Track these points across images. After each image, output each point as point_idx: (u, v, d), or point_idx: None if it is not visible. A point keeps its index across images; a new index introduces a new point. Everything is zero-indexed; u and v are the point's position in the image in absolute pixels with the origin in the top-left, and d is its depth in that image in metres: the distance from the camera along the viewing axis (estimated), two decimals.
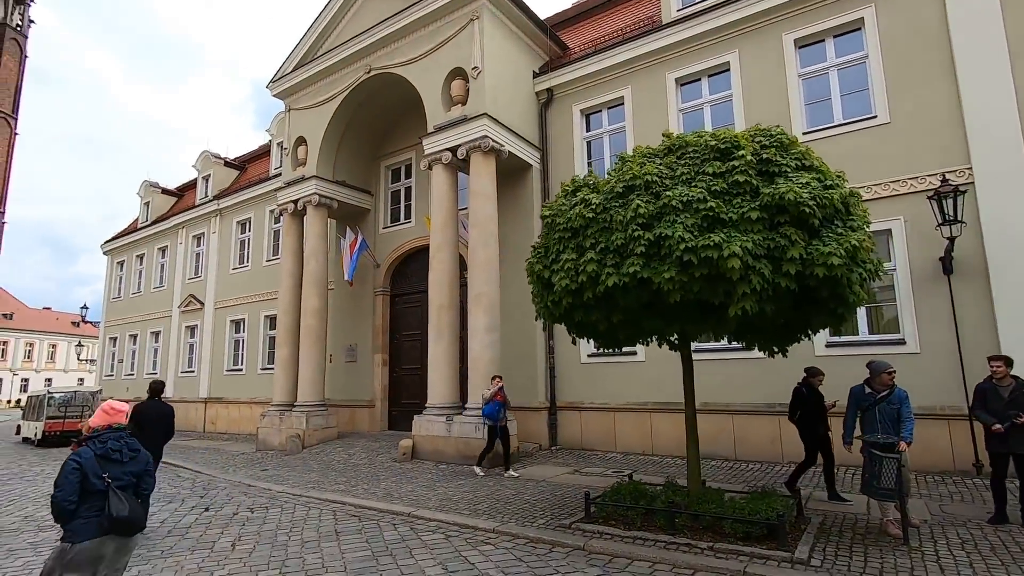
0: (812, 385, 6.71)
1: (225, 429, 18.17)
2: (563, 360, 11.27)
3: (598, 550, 5.14)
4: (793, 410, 6.73)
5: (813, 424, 6.57)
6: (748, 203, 4.75)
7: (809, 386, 6.70)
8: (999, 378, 5.42)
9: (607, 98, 11.71)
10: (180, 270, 21.49)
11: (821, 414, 6.60)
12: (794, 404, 6.73)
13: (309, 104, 14.27)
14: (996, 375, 5.44)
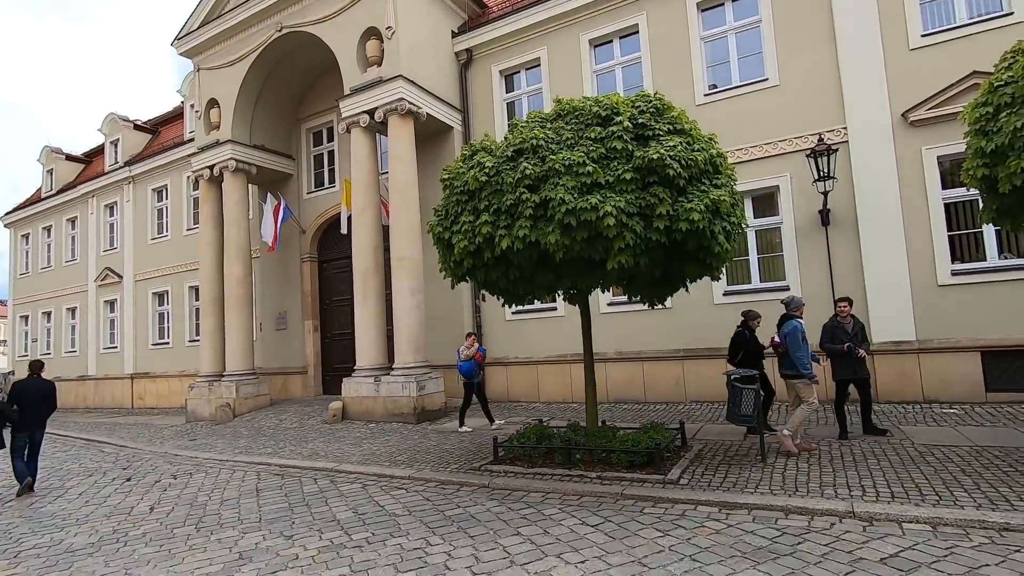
0: (751, 328, 7.02)
1: (155, 404, 17.76)
2: (488, 318, 11.69)
3: (500, 486, 5.65)
4: (735, 352, 6.99)
5: (755, 364, 6.76)
6: (623, 166, 5.15)
7: (749, 328, 7.00)
8: (843, 317, 6.22)
9: (525, 59, 11.83)
10: (93, 242, 20.32)
11: (760, 353, 6.92)
12: (735, 346, 7.00)
13: (220, 64, 13.60)
14: (841, 314, 6.23)
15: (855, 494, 4.53)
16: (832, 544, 3.66)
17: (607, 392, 10.32)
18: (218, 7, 13.46)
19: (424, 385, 10.19)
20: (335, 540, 4.43)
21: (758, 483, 5.02)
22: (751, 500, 4.58)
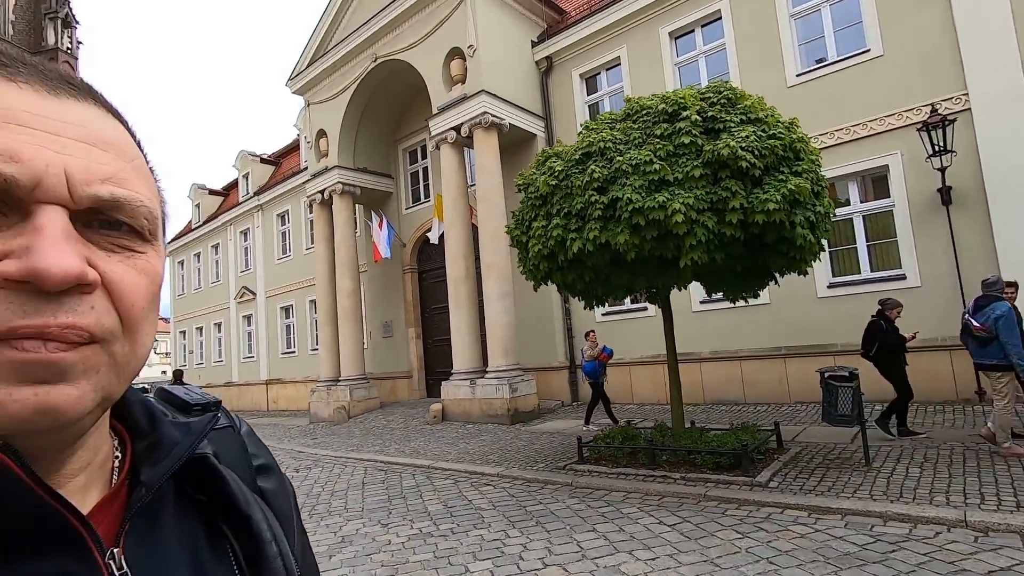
0: (889, 318, 6.31)
1: (286, 407, 19.81)
2: (579, 319, 11.76)
3: (583, 485, 5.76)
4: (868, 344, 6.33)
5: (897, 357, 6.18)
6: (692, 161, 5.07)
7: (886, 319, 6.31)
8: None
9: (604, 60, 11.82)
10: (232, 264, 23.13)
11: (900, 345, 6.23)
12: (869, 338, 6.35)
13: (325, 97, 15.00)
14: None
15: (971, 502, 4.10)
16: (932, 554, 3.38)
17: (703, 393, 9.98)
18: (322, 47, 14.87)
19: (516, 387, 10.49)
20: (424, 529, 4.80)
21: (857, 488, 4.69)
22: (846, 505, 4.30)
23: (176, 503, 0.46)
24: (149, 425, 0.46)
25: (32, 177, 0.34)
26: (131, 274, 0.38)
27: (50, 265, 0.33)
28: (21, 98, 0.35)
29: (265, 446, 0.58)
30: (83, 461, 0.40)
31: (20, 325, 0.33)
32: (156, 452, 0.44)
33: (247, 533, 0.48)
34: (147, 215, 0.39)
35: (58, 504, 0.36)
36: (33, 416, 0.33)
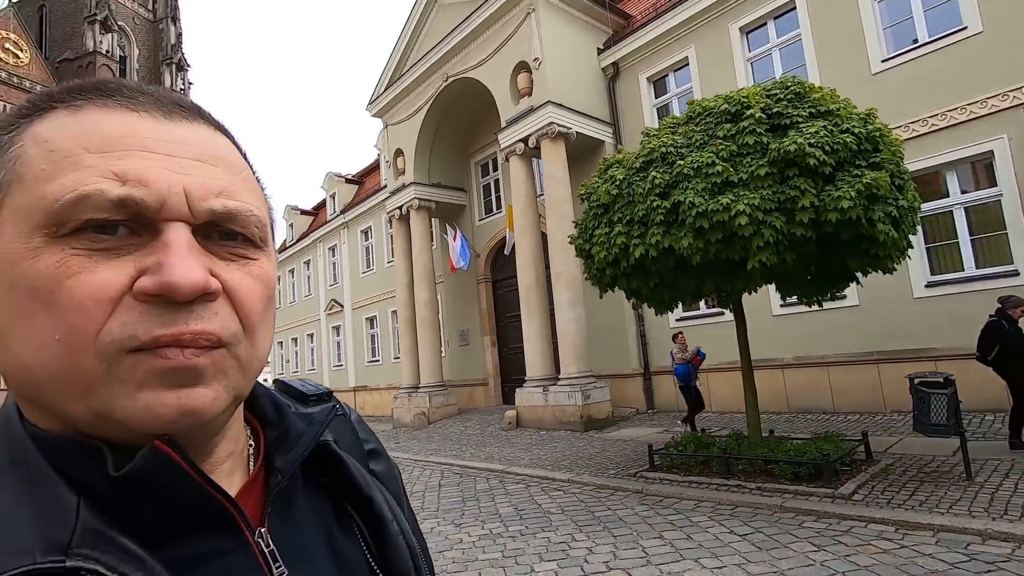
0: (1012, 317, 5.66)
1: (372, 412, 20.86)
2: (652, 325, 11.56)
3: (653, 492, 5.70)
4: (988, 346, 5.67)
5: (1022, 360, 5.54)
6: (757, 161, 4.95)
7: (1008, 318, 5.66)
8: None
9: (672, 61, 11.63)
10: (322, 279, 24.77)
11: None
12: (989, 340, 5.67)
13: (401, 118, 15.81)
14: None
15: None
16: None
17: (786, 401, 9.48)
18: (398, 71, 15.71)
19: (589, 394, 10.48)
20: (494, 530, 4.97)
21: (954, 503, 4.33)
22: (938, 521, 4.00)
23: (305, 486, 0.49)
24: (276, 416, 0.50)
25: (158, 198, 0.37)
26: (248, 280, 0.41)
27: (179, 278, 0.36)
28: (142, 125, 0.39)
29: (373, 432, 0.62)
30: (227, 450, 0.44)
31: (161, 334, 0.36)
32: (286, 441, 0.48)
33: (370, 514, 0.51)
34: (257, 223, 0.42)
35: (212, 489, 0.39)
36: (178, 417, 0.37)
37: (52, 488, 0.35)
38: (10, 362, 0.37)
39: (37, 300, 0.35)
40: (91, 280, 0.35)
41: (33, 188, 0.36)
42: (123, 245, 0.37)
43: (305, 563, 0.45)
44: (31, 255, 0.35)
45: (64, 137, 0.37)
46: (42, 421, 0.38)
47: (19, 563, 0.31)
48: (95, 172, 0.36)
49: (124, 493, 0.36)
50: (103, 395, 0.36)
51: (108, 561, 0.33)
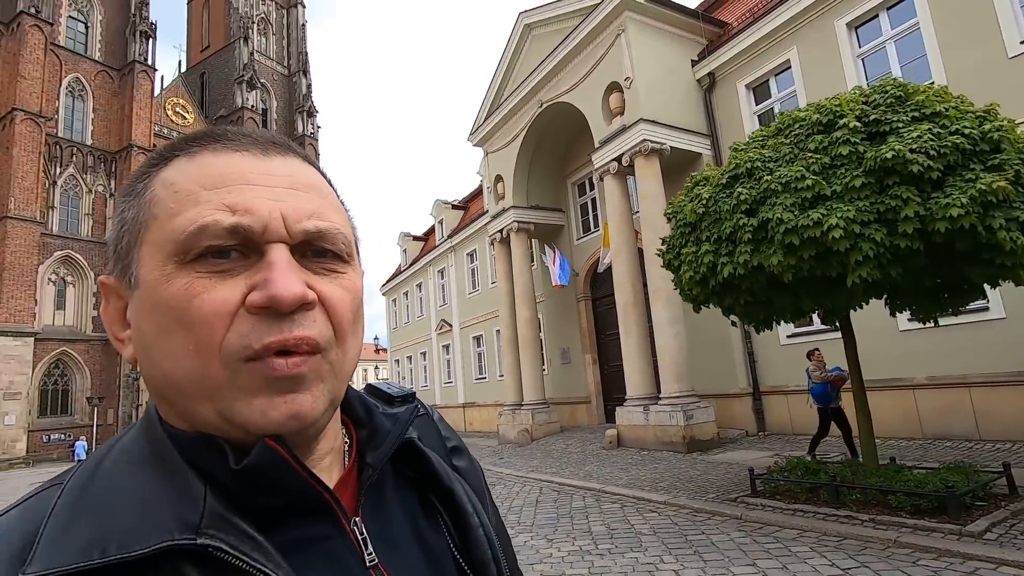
0: None
1: (480, 428, 21.60)
2: (761, 342, 10.97)
3: (753, 519, 5.49)
4: None
5: None
6: (852, 171, 4.71)
7: None
8: None
9: (772, 65, 11.15)
10: (433, 300, 26.25)
11: None
12: None
13: (500, 146, 16.55)
14: None
15: None
16: None
17: (919, 426, 8.54)
18: (495, 102, 16.51)
19: (692, 414, 10.16)
20: (583, 547, 5.09)
21: None
22: None
23: (394, 481, 0.54)
24: (366, 416, 0.54)
25: (262, 224, 0.43)
26: (338, 291, 0.46)
27: (282, 291, 0.41)
28: (245, 162, 0.45)
29: (454, 431, 0.66)
30: (326, 448, 0.49)
31: (270, 341, 0.41)
32: (375, 439, 0.52)
33: (452, 505, 0.55)
34: (343, 240, 0.47)
35: (314, 482, 0.44)
36: (287, 421, 0.42)
37: (184, 478, 0.42)
38: (154, 371, 0.44)
39: (172, 318, 0.42)
40: (213, 298, 0.41)
41: (164, 224, 0.43)
42: (236, 266, 0.42)
43: (394, 549, 0.49)
44: (165, 280, 0.42)
45: (185, 179, 0.44)
46: (176, 421, 0.45)
47: (160, 539, 0.37)
48: (211, 206, 0.43)
49: (242, 484, 0.42)
50: (227, 399, 0.41)
51: (230, 541, 0.39)
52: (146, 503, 0.39)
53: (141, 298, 0.44)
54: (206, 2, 46.88)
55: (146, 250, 0.44)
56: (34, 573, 0.35)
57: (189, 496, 0.41)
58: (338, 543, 0.46)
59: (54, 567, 0.35)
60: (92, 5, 35.78)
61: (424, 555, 0.51)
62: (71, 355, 30.73)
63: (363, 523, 0.48)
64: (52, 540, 0.37)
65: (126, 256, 0.46)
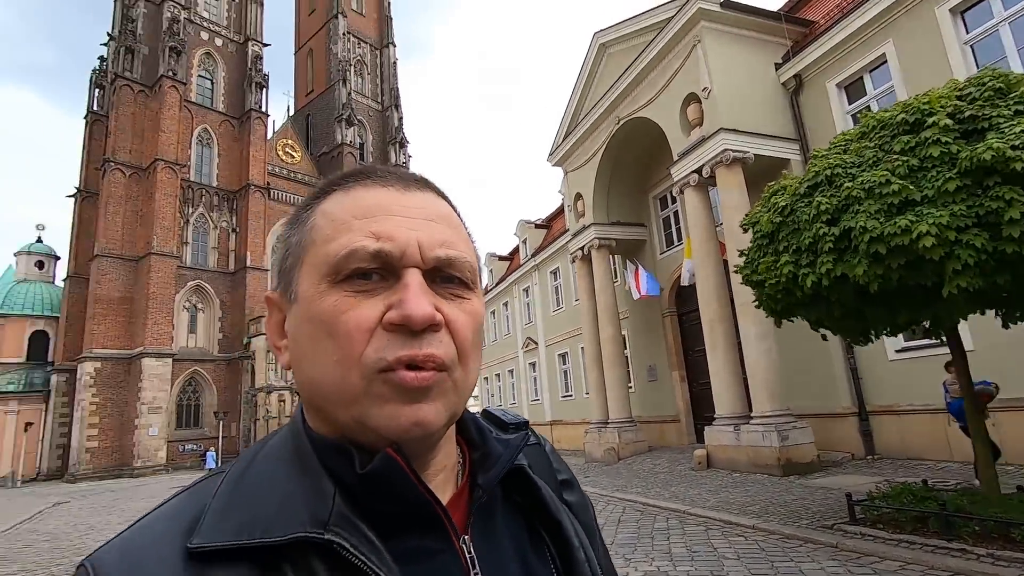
0: None
1: (567, 446, 21.48)
2: (866, 356, 10.13)
3: (849, 548, 5.12)
4: None
5: None
6: (944, 173, 4.38)
7: None
8: None
9: (865, 61, 10.46)
10: (518, 318, 26.67)
11: None
12: None
13: (579, 164, 16.71)
14: None
15: None
16: None
17: None
18: (573, 122, 16.73)
19: (787, 435, 9.57)
20: (661, 567, 5.01)
21: None
22: None
23: (504, 506, 0.55)
24: (480, 439, 0.56)
25: (400, 250, 0.48)
26: (463, 316, 0.50)
27: (415, 311, 0.46)
28: (389, 196, 0.51)
29: (566, 463, 0.67)
30: (441, 464, 0.52)
31: (402, 355, 0.46)
32: (487, 461, 0.54)
33: (559, 537, 0.55)
34: (469, 268, 0.52)
35: (429, 496, 0.47)
36: (411, 427, 0.46)
37: (319, 478, 0.46)
38: (304, 377, 0.49)
39: (323, 330, 0.47)
40: (357, 315, 0.46)
41: (320, 248, 0.49)
42: (377, 287, 0.47)
43: (499, 571, 0.50)
44: (319, 297, 0.47)
45: (340, 210, 0.50)
46: (318, 425, 0.50)
47: (294, 531, 0.42)
48: (359, 233, 0.48)
49: (365, 488, 0.46)
50: (362, 405, 0.46)
51: (352, 540, 0.43)
52: (286, 497, 0.44)
53: (298, 312, 0.50)
54: (310, 51, 51.51)
55: (305, 270, 0.50)
56: (198, 545, 0.41)
57: (321, 495, 0.45)
58: (447, 558, 0.48)
59: (213, 542, 0.42)
60: (216, 64, 40.61)
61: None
62: (201, 374, 34.46)
63: (471, 542, 0.50)
64: (213, 521, 0.43)
65: (288, 275, 0.52)
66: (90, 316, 31.63)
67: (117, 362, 31.49)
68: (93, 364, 30.71)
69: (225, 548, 0.41)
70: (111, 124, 34.97)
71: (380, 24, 53.59)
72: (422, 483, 0.47)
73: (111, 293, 32.17)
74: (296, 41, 53.89)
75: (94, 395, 30.44)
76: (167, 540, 0.42)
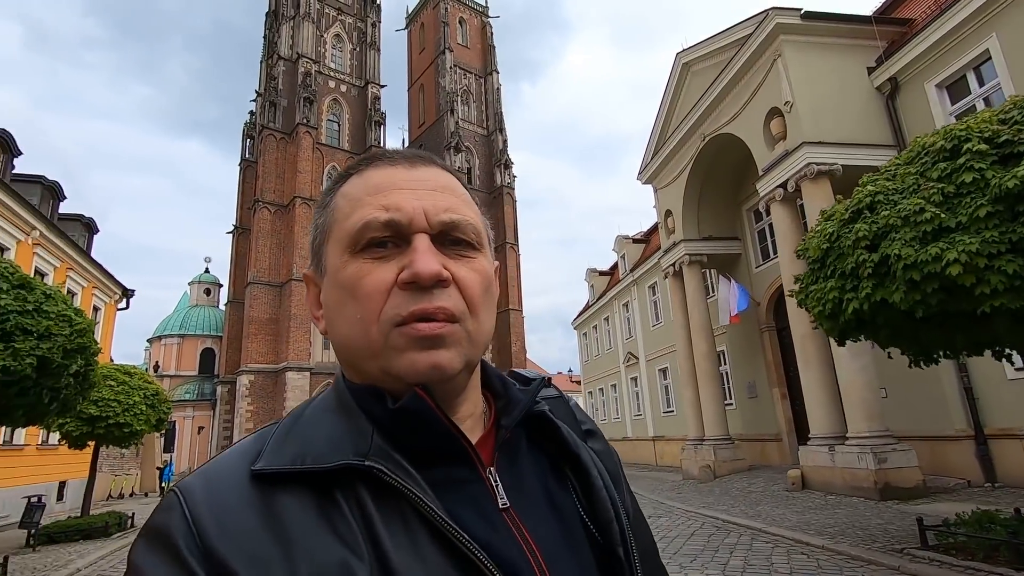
0: None
1: (669, 463, 21.22)
2: (983, 377, 9.38)
3: (910, 571, 5.15)
4: None
5: None
6: (976, 200, 4.45)
7: None
8: None
9: (967, 59, 9.81)
10: (619, 333, 26.83)
11: None
12: None
13: (668, 181, 16.87)
14: None
15: None
16: None
17: None
18: (661, 140, 16.96)
19: (886, 457, 9.13)
20: None
21: None
22: None
23: (529, 449, 0.63)
24: (503, 389, 0.64)
25: (408, 218, 0.56)
26: (470, 273, 0.57)
27: (422, 269, 0.53)
28: (396, 173, 0.59)
29: (588, 416, 0.74)
30: (467, 411, 0.60)
31: (415, 309, 0.53)
32: (509, 406, 0.62)
33: (579, 470, 0.62)
34: (473, 230, 0.59)
35: (455, 430, 0.55)
36: (430, 371, 0.53)
37: (358, 419, 0.55)
38: (336, 337, 0.58)
39: (347, 294, 0.56)
40: (374, 278, 0.55)
41: (341, 225, 0.58)
42: (390, 254, 0.56)
43: (524, 499, 0.57)
44: (343, 266, 0.56)
45: (355, 190, 0.59)
46: (353, 377, 0.59)
47: (341, 459, 0.50)
48: (371, 207, 0.56)
49: (397, 423, 0.54)
50: (384, 356, 0.54)
51: (389, 467, 0.50)
52: (332, 435, 0.53)
53: (327, 283, 0.59)
54: (421, 86, 55.71)
55: (331, 246, 0.59)
56: (259, 467, 0.50)
57: (361, 433, 0.53)
58: (476, 487, 0.55)
59: (272, 465, 0.50)
60: (341, 107, 45.53)
61: (551, 508, 0.58)
62: None
63: (497, 473, 0.57)
64: (271, 450, 0.52)
65: (318, 252, 0.61)
66: (245, 335, 36.81)
67: (267, 375, 36.28)
68: (248, 377, 35.67)
69: (282, 471, 0.50)
70: (259, 169, 40.65)
71: (484, 53, 56.53)
72: (446, 416, 0.54)
73: (261, 315, 37.21)
74: (409, 78, 58.48)
75: (249, 404, 35.30)
76: (236, 466, 0.51)
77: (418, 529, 0.49)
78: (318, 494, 0.49)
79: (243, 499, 0.48)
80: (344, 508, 0.49)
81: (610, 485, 0.63)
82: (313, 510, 0.48)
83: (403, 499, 0.50)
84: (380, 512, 0.49)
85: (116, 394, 10.78)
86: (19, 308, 5.60)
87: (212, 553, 0.45)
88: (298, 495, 0.49)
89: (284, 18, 43.94)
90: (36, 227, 14.84)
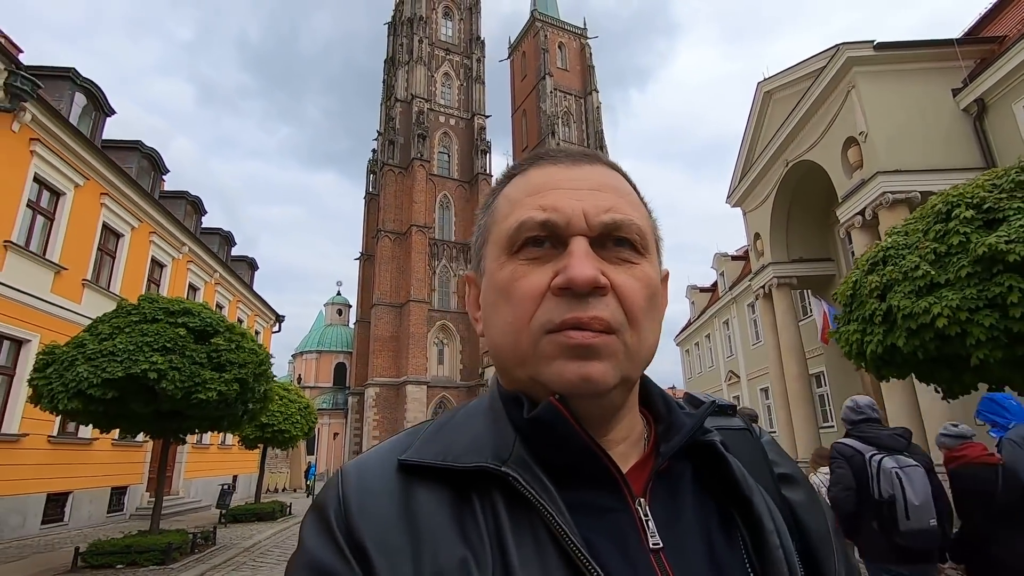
0: None
1: None
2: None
3: None
4: None
5: None
6: (961, 260, 5.13)
7: None
8: None
9: None
10: (721, 351, 26.69)
11: None
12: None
13: (755, 205, 17.15)
14: None
15: None
16: None
17: None
18: (747, 164, 17.30)
19: None
20: None
21: None
22: None
23: (694, 485, 0.56)
24: (666, 412, 0.59)
25: (566, 219, 0.53)
26: (631, 281, 0.53)
27: (578, 275, 0.50)
28: (557, 172, 0.57)
29: (789, 457, 0.64)
30: (622, 435, 0.55)
31: (568, 317, 0.50)
32: (671, 432, 0.56)
33: (749, 517, 0.53)
34: (637, 231, 0.55)
35: (596, 448, 0.51)
36: (578, 382, 0.49)
37: (504, 425, 0.54)
38: (491, 341, 0.56)
39: (502, 297, 0.54)
40: (528, 282, 0.52)
41: (501, 225, 0.57)
42: (546, 255, 0.53)
43: (679, 542, 0.50)
44: (499, 268, 0.55)
45: (516, 191, 0.58)
46: (506, 383, 0.57)
47: (480, 461, 0.50)
48: (529, 207, 0.55)
49: (532, 432, 0.51)
50: (533, 364, 0.52)
51: (525, 478, 0.48)
52: (476, 437, 0.53)
53: (485, 284, 0.58)
54: (523, 112, 58.46)
55: (490, 247, 0.58)
56: (407, 458, 0.51)
57: (505, 439, 0.52)
58: (621, 518, 0.50)
59: (419, 458, 0.51)
60: (451, 140, 49.39)
61: (710, 561, 0.50)
62: (448, 398, 41.56)
63: (648, 505, 0.51)
64: (420, 444, 0.53)
65: (479, 253, 0.61)
66: (371, 352, 41.13)
67: (389, 388, 40.21)
68: (374, 389, 39.81)
69: (425, 465, 0.50)
70: (380, 201, 45.37)
71: (583, 74, 58.07)
72: (585, 431, 0.50)
73: (384, 333, 41.36)
74: (512, 105, 61.55)
75: (376, 413, 39.34)
76: (387, 456, 0.53)
77: (548, 549, 0.46)
78: (455, 493, 0.49)
79: (385, 487, 0.50)
80: (477, 511, 0.48)
81: (789, 546, 0.52)
82: (448, 508, 0.49)
83: (536, 514, 0.47)
84: (512, 522, 0.47)
85: (279, 407, 13.61)
86: (228, 347, 8.02)
87: (353, 531, 0.48)
88: (436, 491, 0.49)
89: (399, 63, 48.81)
90: (216, 269, 18.79)
